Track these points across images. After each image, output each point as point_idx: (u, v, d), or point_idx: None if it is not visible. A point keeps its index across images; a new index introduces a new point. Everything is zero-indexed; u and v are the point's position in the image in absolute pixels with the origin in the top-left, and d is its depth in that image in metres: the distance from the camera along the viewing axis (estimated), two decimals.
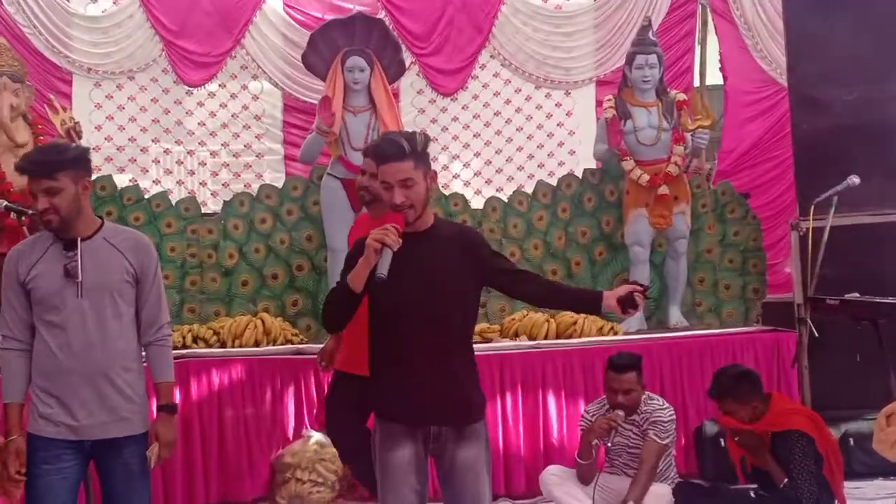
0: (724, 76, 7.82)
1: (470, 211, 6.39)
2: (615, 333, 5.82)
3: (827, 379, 5.25)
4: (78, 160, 3.13)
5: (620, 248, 6.33)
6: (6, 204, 4.38)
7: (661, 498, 4.42)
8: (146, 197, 6.19)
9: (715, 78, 7.68)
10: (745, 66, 7.76)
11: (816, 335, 4.87)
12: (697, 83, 7.26)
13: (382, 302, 2.98)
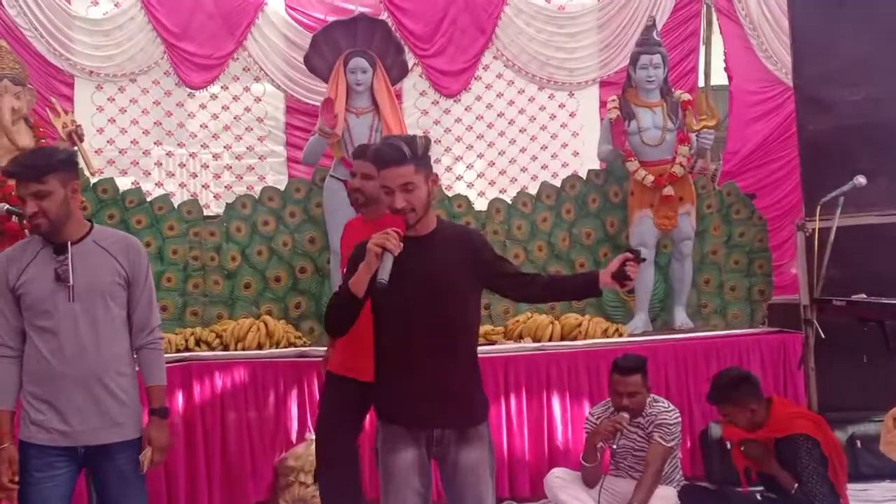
0: (729, 76, 7.78)
1: (473, 213, 6.37)
2: (620, 335, 5.78)
3: (833, 381, 5.21)
4: (66, 163, 3.10)
5: (625, 249, 6.25)
6: (7, 207, 4.37)
7: (666, 501, 4.41)
8: (148, 200, 6.18)
9: (720, 78, 7.62)
10: (750, 66, 7.72)
11: (823, 336, 4.83)
12: (702, 83, 7.21)
13: (385, 306, 2.97)
